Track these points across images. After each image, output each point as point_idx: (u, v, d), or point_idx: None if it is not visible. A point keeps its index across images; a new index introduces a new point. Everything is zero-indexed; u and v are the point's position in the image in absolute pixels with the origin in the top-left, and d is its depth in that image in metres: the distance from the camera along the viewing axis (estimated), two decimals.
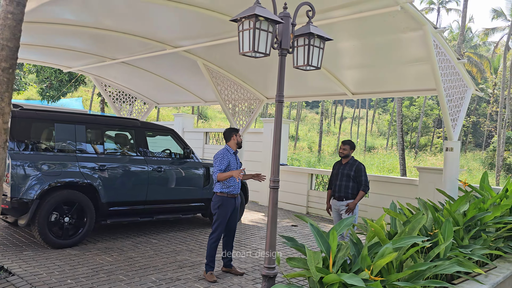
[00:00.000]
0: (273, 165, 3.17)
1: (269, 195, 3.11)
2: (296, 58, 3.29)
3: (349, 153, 5.74)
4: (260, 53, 2.98)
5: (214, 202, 5.03)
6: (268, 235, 3.05)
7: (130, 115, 12.83)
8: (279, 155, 3.18)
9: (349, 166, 5.69)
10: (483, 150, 47.39)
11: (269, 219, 3.11)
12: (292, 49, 3.26)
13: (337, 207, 5.74)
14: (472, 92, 6.95)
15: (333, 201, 5.79)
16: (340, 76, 8.15)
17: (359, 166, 5.66)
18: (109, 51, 9.08)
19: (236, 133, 5.17)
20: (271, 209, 3.10)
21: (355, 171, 5.61)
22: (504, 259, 5.38)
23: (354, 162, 5.72)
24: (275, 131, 3.21)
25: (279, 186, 3.10)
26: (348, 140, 5.82)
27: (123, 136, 7.05)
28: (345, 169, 5.70)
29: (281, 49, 3.13)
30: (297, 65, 3.30)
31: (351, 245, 3.32)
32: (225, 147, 5.12)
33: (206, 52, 8.34)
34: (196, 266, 5.32)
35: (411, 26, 5.58)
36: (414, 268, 3.33)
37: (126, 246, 6.10)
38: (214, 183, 5.05)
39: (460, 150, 21.47)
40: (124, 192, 6.45)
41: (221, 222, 4.98)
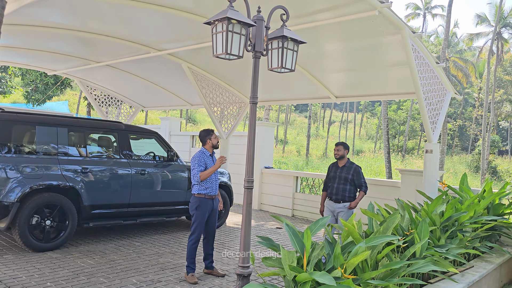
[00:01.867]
0: (247, 166, 3.22)
1: (244, 195, 3.16)
2: (271, 61, 3.35)
3: (344, 154, 5.78)
4: (233, 55, 3.03)
5: (192, 204, 5.07)
6: (242, 234, 3.09)
7: (118, 118, 12.80)
8: (253, 157, 3.23)
9: (347, 169, 5.71)
10: (469, 153, 48.03)
11: (243, 219, 3.15)
12: (266, 52, 3.32)
13: (333, 209, 5.74)
14: (452, 96, 7.09)
15: (329, 202, 5.79)
16: (323, 80, 8.25)
17: (356, 169, 5.70)
18: (94, 54, 9.06)
19: (210, 136, 5.19)
20: (245, 209, 3.14)
21: (353, 174, 5.64)
22: (481, 259, 5.50)
23: (351, 165, 5.75)
24: (249, 131, 3.26)
25: (253, 186, 3.15)
26: (340, 142, 5.87)
27: (107, 139, 7.04)
28: (342, 172, 5.72)
29: (255, 51, 3.19)
30: (271, 67, 3.36)
31: (326, 244, 3.38)
32: (201, 150, 5.16)
33: (190, 55, 8.38)
34: (178, 268, 5.34)
35: (390, 30, 5.70)
36: (388, 267, 3.40)
37: (109, 249, 6.09)
38: (192, 185, 5.06)
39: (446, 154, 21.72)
40: (107, 195, 6.44)
41: (199, 223, 5.01)
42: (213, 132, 5.25)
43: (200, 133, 5.25)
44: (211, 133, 5.22)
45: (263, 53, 3.25)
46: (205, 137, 5.19)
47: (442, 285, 4.26)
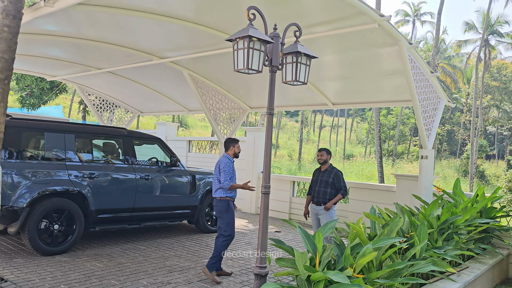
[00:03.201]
0: (264, 172, 3.43)
1: (261, 199, 3.36)
2: (285, 74, 3.57)
3: (326, 159, 6.06)
4: (253, 70, 3.25)
5: (220, 207, 5.33)
6: (260, 237, 3.29)
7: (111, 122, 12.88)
8: (270, 163, 3.43)
9: (328, 173, 6.00)
10: (457, 158, 48.78)
11: (260, 222, 3.36)
12: (281, 66, 3.54)
13: (315, 211, 6.03)
14: (445, 104, 7.38)
15: (312, 206, 6.09)
16: (321, 87, 8.50)
17: (337, 173, 5.99)
18: (95, 61, 9.21)
19: (234, 144, 5.50)
20: (262, 213, 3.35)
21: (333, 177, 5.93)
22: (475, 260, 5.77)
23: (332, 169, 6.04)
24: (266, 141, 3.47)
25: (269, 191, 3.36)
26: (323, 148, 6.21)
27: (111, 145, 7.20)
28: (324, 175, 6.02)
29: (272, 66, 3.42)
30: (286, 80, 3.59)
31: (335, 246, 3.59)
32: (227, 156, 5.44)
33: (192, 63, 8.58)
34: (185, 271, 5.51)
35: (388, 41, 5.96)
36: (392, 267, 3.62)
37: (115, 252, 6.23)
38: (216, 189, 5.34)
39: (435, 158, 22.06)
40: (112, 200, 6.59)
41: (232, 223, 5.34)
42: (238, 141, 5.56)
43: (226, 140, 5.56)
44: (236, 141, 5.53)
45: (278, 68, 3.48)
46: (229, 144, 5.52)
47: (440, 284, 4.51)
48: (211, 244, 7.12)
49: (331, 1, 5.19)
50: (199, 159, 13.37)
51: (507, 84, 44.80)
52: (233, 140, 5.55)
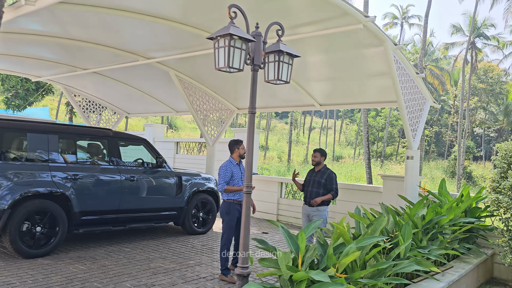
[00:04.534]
0: (246, 172, 3.40)
1: (243, 198, 3.33)
2: (267, 73, 3.55)
3: (320, 160, 6.02)
4: (234, 69, 3.22)
5: (222, 208, 5.44)
6: (242, 237, 3.26)
7: (99, 124, 12.78)
8: (252, 163, 3.41)
9: (321, 174, 5.96)
10: (445, 159, 49.28)
11: (242, 222, 3.33)
12: (263, 65, 3.52)
13: (307, 212, 5.97)
14: (430, 104, 7.43)
15: (304, 206, 6.03)
16: (308, 88, 8.51)
17: (330, 174, 5.93)
18: (81, 61, 9.11)
19: (238, 146, 5.49)
20: (244, 212, 3.32)
21: (326, 179, 5.88)
22: (460, 259, 5.80)
23: (326, 170, 5.99)
24: (248, 140, 3.45)
25: (251, 191, 3.33)
26: (318, 148, 6.16)
27: (96, 146, 7.11)
28: (317, 176, 5.97)
29: (254, 65, 3.39)
30: (268, 79, 3.56)
31: (318, 246, 3.58)
32: (229, 159, 5.47)
33: (178, 63, 8.52)
34: (169, 273, 5.45)
35: (373, 42, 5.98)
36: (376, 267, 3.61)
37: (99, 254, 6.15)
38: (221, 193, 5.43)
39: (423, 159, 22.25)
40: (96, 201, 6.51)
41: (229, 227, 5.35)
42: (242, 142, 5.53)
43: (230, 142, 5.56)
44: (239, 143, 5.51)
45: (260, 66, 3.45)
46: (233, 146, 5.52)
47: (424, 284, 4.52)
48: (197, 245, 7.06)
49: (315, 2, 5.19)
50: (187, 161, 13.31)
51: (494, 86, 45.43)
52: (237, 142, 5.53)
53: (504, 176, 6.06)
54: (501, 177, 6.09)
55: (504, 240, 5.84)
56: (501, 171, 6.10)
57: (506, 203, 5.60)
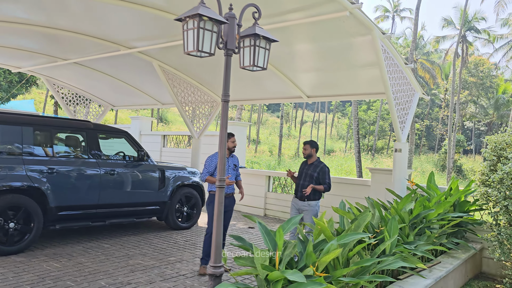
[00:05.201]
0: (219, 165, 3.18)
1: (216, 193, 3.12)
2: (243, 59, 3.32)
3: (311, 153, 5.75)
4: (205, 53, 2.99)
5: (207, 200, 5.43)
6: (215, 234, 3.05)
7: (86, 117, 12.51)
8: (225, 156, 3.19)
9: (314, 167, 5.69)
10: (435, 153, 49.47)
11: (215, 218, 3.11)
12: (238, 50, 3.29)
13: (298, 206, 5.71)
14: (420, 96, 7.26)
15: (294, 200, 5.77)
16: (295, 80, 8.29)
17: (323, 168, 5.65)
18: (61, 51, 8.80)
19: (228, 139, 5.41)
20: (217, 208, 3.11)
21: (318, 172, 5.61)
22: (448, 255, 5.65)
23: (319, 163, 5.71)
24: (221, 130, 3.22)
25: (225, 185, 3.12)
26: (308, 140, 5.84)
27: (74, 138, 6.84)
28: (309, 169, 5.70)
29: (227, 49, 3.16)
30: (243, 65, 3.34)
31: (299, 242, 3.38)
32: (217, 152, 5.32)
33: (161, 53, 8.25)
34: (148, 270, 5.24)
35: (360, 31, 5.77)
36: (359, 264, 3.43)
37: (76, 251, 5.92)
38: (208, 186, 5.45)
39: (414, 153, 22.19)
40: (74, 196, 6.26)
41: (211, 218, 5.27)
42: (232, 136, 5.49)
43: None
44: (230, 136, 5.45)
45: (235, 51, 3.22)
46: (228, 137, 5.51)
47: (410, 280, 4.35)
48: (180, 241, 6.86)
49: None
50: (175, 154, 13.06)
51: (484, 80, 45.57)
52: (227, 135, 5.44)
53: (494, 169, 5.91)
54: (490, 170, 5.95)
55: (493, 235, 5.70)
56: (490, 163, 5.95)
57: (495, 196, 5.45)
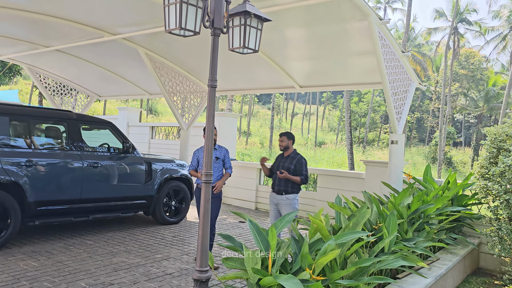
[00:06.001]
0: (205, 158, 2.88)
1: (202, 190, 2.83)
2: (232, 40, 3.01)
3: (288, 145, 5.46)
4: (189, 31, 2.67)
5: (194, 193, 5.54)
6: (200, 235, 2.75)
7: (74, 108, 12.11)
8: (212, 148, 2.90)
9: (290, 159, 5.41)
10: (426, 145, 49.62)
11: (201, 217, 2.82)
12: (226, 29, 2.98)
13: (275, 201, 5.41)
14: (416, 86, 7.01)
15: (272, 195, 5.47)
16: (288, 69, 8.00)
17: (300, 160, 5.38)
18: (42, 37, 8.38)
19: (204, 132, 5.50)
20: (203, 206, 2.81)
21: (295, 164, 5.33)
22: (446, 251, 5.44)
23: (295, 155, 5.44)
24: (207, 120, 2.92)
25: (212, 180, 2.83)
26: (285, 132, 5.54)
27: (55, 129, 6.48)
28: (286, 162, 5.41)
29: (214, 28, 2.83)
30: (233, 47, 3.02)
31: (293, 242, 3.11)
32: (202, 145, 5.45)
33: (148, 40, 7.89)
34: (132, 269, 4.94)
35: (356, 16, 5.48)
36: (357, 265, 3.18)
37: (57, 248, 5.60)
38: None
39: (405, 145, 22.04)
40: (55, 190, 5.92)
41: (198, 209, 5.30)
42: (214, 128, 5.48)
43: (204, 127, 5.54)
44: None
45: (223, 31, 2.90)
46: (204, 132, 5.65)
47: (410, 280, 4.12)
48: (167, 237, 6.57)
49: None
50: (164, 146, 12.72)
51: (475, 72, 45.62)
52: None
53: (493, 162, 5.69)
54: (490, 162, 5.73)
55: (492, 230, 5.49)
56: (490, 156, 5.73)
57: (496, 190, 5.23)
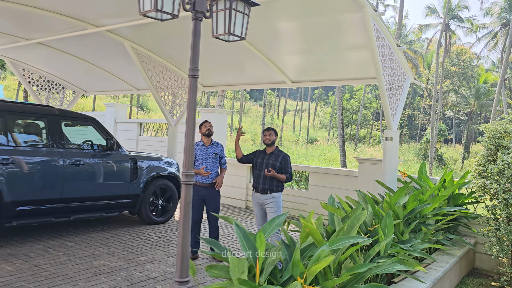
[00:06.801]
0: (185, 156, 2.61)
1: (182, 192, 2.56)
2: (216, 25, 2.73)
3: (275, 140, 5.21)
4: (166, 13, 2.39)
5: None
6: (180, 242, 2.49)
7: (61, 104, 11.73)
8: (192, 145, 2.63)
9: (275, 156, 5.13)
10: (417, 142, 49.74)
11: (181, 222, 2.56)
12: (210, 14, 2.71)
13: (260, 201, 5.11)
14: (411, 81, 6.79)
15: (255, 195, 5.17)
16: (279, 63, 7.74)
17: (285, 157, 5.12)
18: (24, 29, 8.02)
19: (200, 126, 5.58)
20: (183, 210, 2.55)
21: (281, 162, 5.06)
22: (442, 252, 5.25)
23: (280, 152, 5.17)
24: (188, 114, 2.65)
25: (193, 181, 2.57)
26: (271, 127, 5.27)
27: (34, 125, 6.17)
28: (270, 159, 5.12)
29: (195, 11, 2.56)
30: (217, 33, 2.75)
31: (283, 247, 2.87)
32: (198, 141, 5.57)
33: (134, 33, 7.57)
34: (114, 272, 4.67)
35: (351, 7, 5.24)
36: (353, 271, 2.94)
37: (35, 251, 5.30)
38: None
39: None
40: (33, 190, 5.62)
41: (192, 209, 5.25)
42: (204, 122, 5.58)
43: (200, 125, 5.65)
44: (202, 123, 5.57)
45: (205, 15, 2.63)
46: (199, 128, 5.62)
47: (407, 284, 3.91)
48: (153, 238, 6.30)
49: None
50: (152, 143, 12.41)
51: (465, 69, 45.76)
52: (201, 123, 5.64)
53: (491, 159, 5.51)
54: (488, 160, 5.54)
55: (489, 229, 5.31)
56: (488, 153, 5.54)
57: (494, 189, 5.04)
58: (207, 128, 5.52)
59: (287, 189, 8.87)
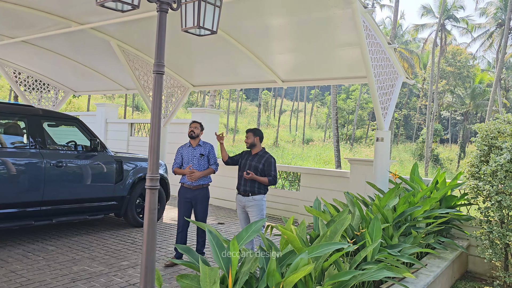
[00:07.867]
0: (150, 159, 2.44)
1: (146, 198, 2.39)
2: (185, 18, 2.56)
3: (254, 142, 5.01)
4: (126, 4, 2.23)
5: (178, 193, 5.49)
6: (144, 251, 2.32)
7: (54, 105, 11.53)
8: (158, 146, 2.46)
9: (258, 158, 4.97)
10: (413, 142, 49.70)
11: (145, 229, 2.39)
12: (177, 5, 2.53)
13: (242, 204, 4.96)
14: (403, 80, 6.65)
15: (238, 197, 5.03)
16: (269, 62, 7.58)
17: (269, 159, 4.95)
18: (6, 27, 7.83)
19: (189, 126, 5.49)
20: (147, 217, 2.38)
21: (264, 163, 4.89)
22: (434, 255, 5.09)
23: (264, 154, 5.01)
24: (153, 111, 2.48)
25: (158, 186, 2.41)
26: (252, 128, 5.08)
27: (14, 126, 5.98)
28: (253, 160, 4.96)
29: (160, 2, 2.39)
30: (186, 27, 2.58)
31: (261, 254, 2.70)
32: (186, 143, 5.52)
33: (120, 31, 7.39)
34: (93, 278, 4.49)
35: (339, 4, 5.09)
36: (336, 279, 2.78)
37: (13, 256, 5.12)
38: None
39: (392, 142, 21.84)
40: (12, 192, 5.43)
41: (178, 211, 5.36)
42: (191, 123, 5.46)
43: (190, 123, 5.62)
44: (191, 123, 5.46)
45: (172, 6, 2.46)
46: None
47: None
48: (138, 241, 6.12)
49: None
50: (144, 144, 12.21)
51: (461, 69, 45.74)
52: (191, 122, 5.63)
53: (484, 160, 5.35)
54: (481, 161, 5.39)
55: (482, 232, 5.16)
56: (481, 154, 5.39)
57: (487, 191, 4.89)
58: (190, 130, 5.38)
59: (277, 191, 8.71)
